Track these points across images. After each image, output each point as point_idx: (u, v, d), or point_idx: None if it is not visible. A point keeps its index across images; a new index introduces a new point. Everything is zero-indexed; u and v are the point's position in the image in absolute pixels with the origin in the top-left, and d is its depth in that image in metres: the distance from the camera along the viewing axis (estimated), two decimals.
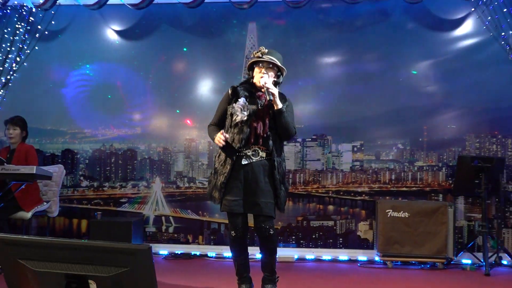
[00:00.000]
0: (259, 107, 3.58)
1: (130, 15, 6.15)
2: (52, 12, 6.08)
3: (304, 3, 5.70)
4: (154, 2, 5.79)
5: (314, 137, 6.04)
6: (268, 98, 3.49)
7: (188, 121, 6.22)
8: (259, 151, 3.57)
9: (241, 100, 3.55)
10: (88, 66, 6.31)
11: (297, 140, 6.03)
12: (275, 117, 3.57)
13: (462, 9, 5.83)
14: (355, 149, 5.98)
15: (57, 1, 5.86)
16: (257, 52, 3.63)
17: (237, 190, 3.57)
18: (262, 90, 3.54)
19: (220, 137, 3.51)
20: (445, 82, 5.86)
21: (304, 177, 6.02)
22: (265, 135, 3.57)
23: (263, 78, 3.55)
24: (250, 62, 3.71)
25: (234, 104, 3.57)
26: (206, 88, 6.24)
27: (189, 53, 6.20)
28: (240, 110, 3.52)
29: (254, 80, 3.66)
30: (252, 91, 3.66)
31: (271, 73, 3.63)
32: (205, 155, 6.14)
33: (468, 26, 5.85)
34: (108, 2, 5.84)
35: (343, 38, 6.04)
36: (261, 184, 3.53)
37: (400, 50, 5.97)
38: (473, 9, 5.79)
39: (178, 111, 6.23)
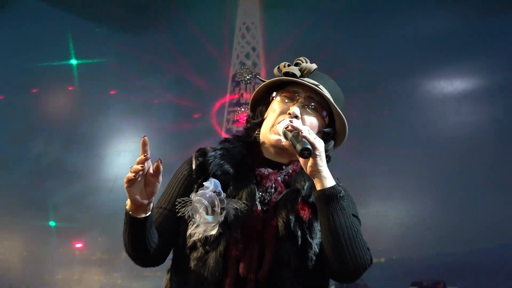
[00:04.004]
0: (258, 204, 1.58)
1: None
2: None
3: None
4: None
5: None
6: (299, 149, 1.46)
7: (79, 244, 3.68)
8: None
9: (209, 186, 1.55)
10: None
11: None
12: (317, 211, 1.56)
13: None
14: None
15: None
16: (286, 67, 1.63)
17: None
18: (282, 144, 1.57)
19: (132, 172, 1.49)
20: None
21: None
22: (263, 278, 1.53)
23: (287, 122, 1.59)
24: (263, 85, 1.67)
25: (193, 195, 1.55)
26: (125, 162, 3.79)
27: (83, 68, 3.52)
28: (203, 212, 1.54)
29: (262, 132, 1.67)
30: (247, 161, 1.63)
31: (312, 119, 1.64)
32: None
33: None
34: None
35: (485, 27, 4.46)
36: None
37: None
38: None
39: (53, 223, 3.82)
